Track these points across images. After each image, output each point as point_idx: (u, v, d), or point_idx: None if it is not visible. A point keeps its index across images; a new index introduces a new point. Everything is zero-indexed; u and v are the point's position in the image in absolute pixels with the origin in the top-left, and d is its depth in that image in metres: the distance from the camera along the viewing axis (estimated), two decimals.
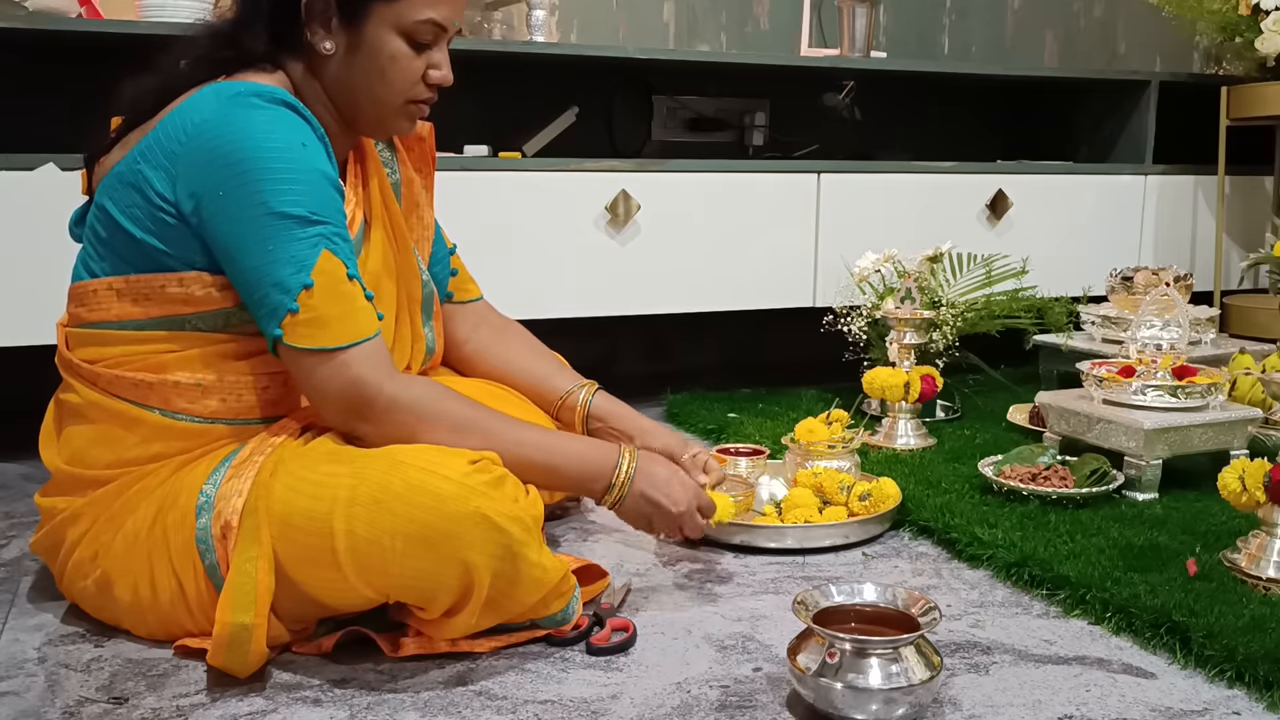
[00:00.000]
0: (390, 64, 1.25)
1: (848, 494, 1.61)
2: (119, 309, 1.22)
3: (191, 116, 1.17)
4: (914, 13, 3.00)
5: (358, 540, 1.11)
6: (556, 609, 1.21)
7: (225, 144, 1.15)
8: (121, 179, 1.20)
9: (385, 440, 1.20)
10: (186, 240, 1.19)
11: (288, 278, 1.15)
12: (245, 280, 1.17)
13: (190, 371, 1.22)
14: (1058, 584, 1.36)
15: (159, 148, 1.18)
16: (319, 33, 1.24)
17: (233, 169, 1.14)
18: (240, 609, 1.11)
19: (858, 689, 1.04)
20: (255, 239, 1.15)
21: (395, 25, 1.24)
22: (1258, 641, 1.16)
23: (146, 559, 1.20)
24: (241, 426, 1.25)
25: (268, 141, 1.15)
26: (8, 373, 2.13)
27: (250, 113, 1.16)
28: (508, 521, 1.12)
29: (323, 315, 1.16)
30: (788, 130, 2.76)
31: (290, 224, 1.15)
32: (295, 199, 1.15)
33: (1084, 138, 2.90)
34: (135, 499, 1.22)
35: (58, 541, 1.27)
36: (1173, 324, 1.77)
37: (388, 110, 1.29)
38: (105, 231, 1.22)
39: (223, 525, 1.16)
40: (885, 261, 2.24)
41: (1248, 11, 2.58)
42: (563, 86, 2.50)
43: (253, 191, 1.14)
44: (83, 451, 1.25)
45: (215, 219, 1.16)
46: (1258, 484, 1.34)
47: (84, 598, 1.27)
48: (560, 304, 2.21)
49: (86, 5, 2.03)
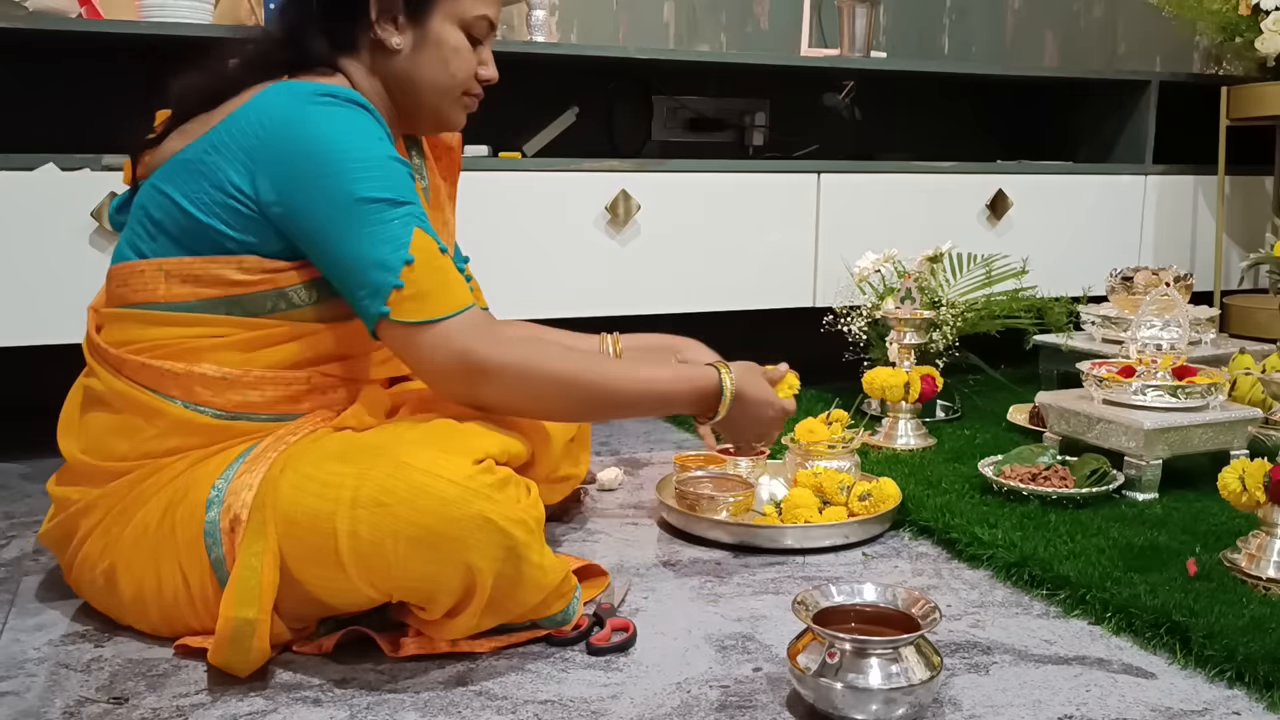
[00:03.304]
0: (454, 55, 1.34)
1: (848, 494, 1.61)
2: (166, 290, 1.25)
3: (270, 113, 1.21)
4: (914, 13, 3.00)
5: (360, 541, 1.11)
6: (557, 610, 1.22)
7: (308, 140, 1.20)
8: (187, 166, 1.23)
9: (506, 400, 1.25)
10: (259, 228, 1.23)
11: (389, 255, 1.19)
12: (343, 267, 1.21)
13: (218, 364, 1.24)
14: (1058, 584, 1.36)
15: (232, 141, 1.22)
16: (388, 29, 1.31)
17: (318, 163, 1.20)
18: (244, 603, 1.12)
19: (858, 689, 1.04)
20: (350, 225, 1.20)
21: (457, 19, 1.33)
22: (1258, 641, 1.16)
23: (153, 552, 1.21)
24: (261, 423, 1.26)
25: (348, 135, 1.21)
26: (8, 373, 2.13)
27: (328, 109, 1.22)
28: (511, 524, 1.13)
29: (425, 289, 1.21)
30: (788, 130, 2.76)
31: (381, 206, 1.20)
32: (382, 184, 1.21)
33: (1084, 138, 2.90)
34: (148, 492, 1.23)
35: (69, 533, 1.27)
36: (1173, 324, 1.77)
37: (447, 100, 1.36)
38: (161, 214, 1.24)
39: (232, 519, 1.17)
40: (885, 261, 2.24)
41: (1248, 11, 2.58)
42: (563, 86, 2.50)
43: (341, 182, 1.19)
44: (101, 439, 1.26)
45: (305, 213, 1.20)
46: (1258, 484, 1.34)
47: (90, 590, 1.27)
48: (560, 304, 2.21)
49: (86, 5, 2.03)
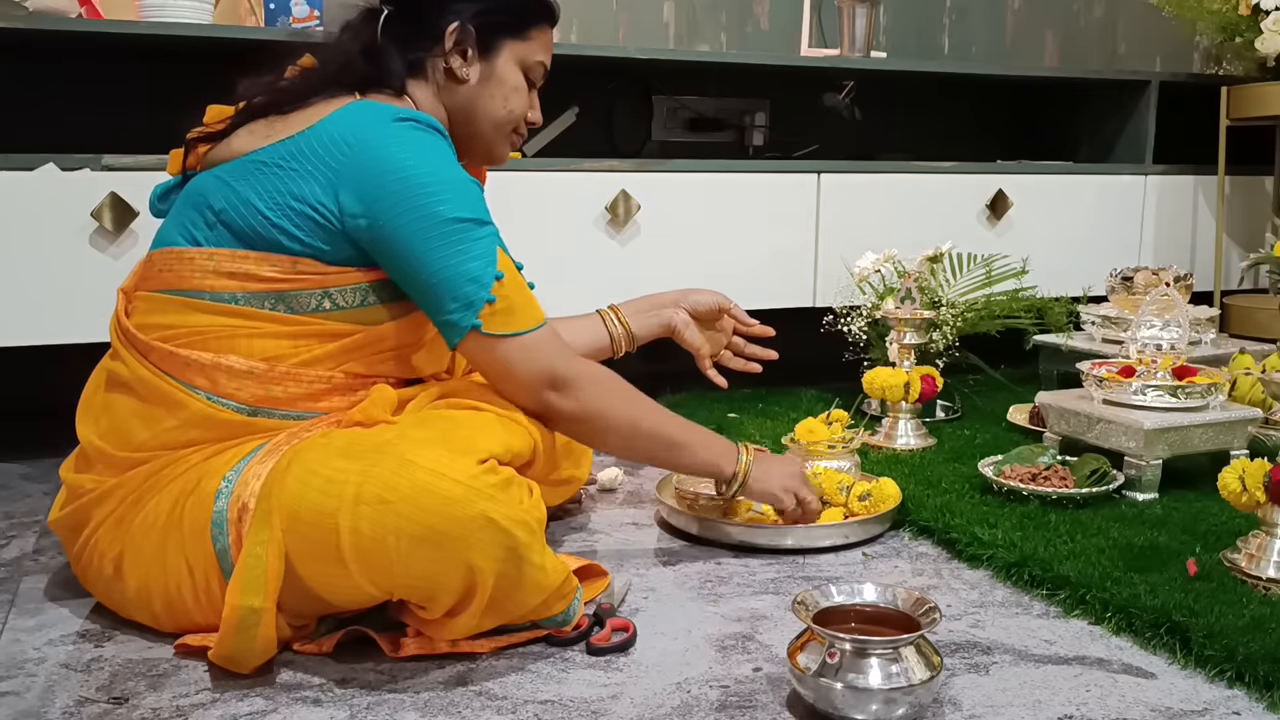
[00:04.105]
0: (514, 93, 1.42)
1: (847, 494, 1.61)
2: (214, 281, 1.26)
3: (356, 133, 1.25)
4: (914, 13, 3.00)
5: (362, 539, 1.11)
6: (558, 610, 1.22)
7: (395, 161, 1.24)
8: (263, 168, 1.26)
9: (582, 410, 1.33)
10: (333, 238, 1.26)
11: (481, 271, 1.26)
12: (432, 283, 1.25)
13: (247, 356, 1.26)
14: (1058, 584, 1.36)
15: (314, 156, 1.25)
16: (457, 61, 1.38)
17: (406, 184, 1.24)
18: (250, 591, 1.12)
19: (858, 689, 1.04)
20: (441, 243, 1.24)
21: (520, 61, 1.41)
22: (1258, 641, 1.16)
23: (160, 542, 1.21)
24: (280, 420, 1.27)
25: (431, 159, 1.27)
26: (8, 373, 2.13)
27: (412, 133, 1.27)
28: (513, 524, 1.13)
29: (514, 303, 1.28)
30: (788, 130, 2.76)
31: (469, 225, 1.26)
32: (467, 205, 1.27)
33: (1084, 138, 2.90)
34: (162, 482, 1.23)
35: (82, 521, 1.27)
36: (1173, 324, 1.77)
37: (500, 134, 1.44)
38: (226, 206, 1.26)
39: (240, 507, 1.18)
40: (885, 261, 2.24)
41: (1248, 11, 2.58)
42: (563, 86, 2.48)
43: (430, 203, 1.24)
44: (122, 424, 1.26)
45: (394, 232, 1.24)
46: (1258, 484, 1.34)
47: (97, 581, 1.28)
48: (560, 304, 2.18)
49: (86, 5, 2.03)
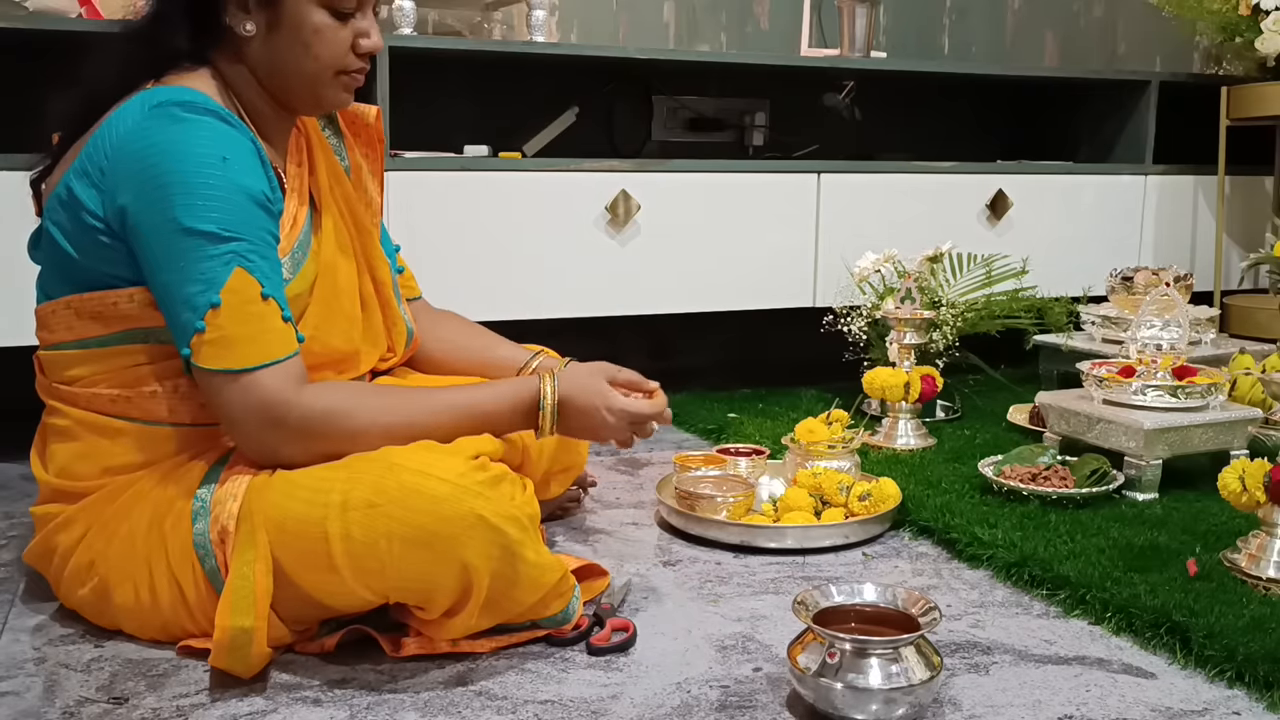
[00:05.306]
0: (315, 37, 1.22)
1: (847, 494, 1.61)
2: (80, 328, 1.21)
3: (117, 129, 1.16)
4: (914, 13, 3.00)
5: (353, 544, 1.10)
6: (556, 609, 1.21)
7: (144, 158, 1.14)
8: (59, 200, 1.19)
9: (311, 458, 1.16)
10: (122, 258, 1.17)
11: (195, 295, 1.13)
12: (161, 297, 1.16)
13: (167, 378, 1.22)
14: (1058, 584, 1.36)
15: (90, 164, 1.17)
16: (237, 15, 1.21)
17: (150, 184, 1.13)
18: (239, 612, 1.11)
19: (858, 689, 1.04)
20: (168, 256, 1.13)
21: None
22: (1258, 641, 1.16)
23: (145, 564, 1.20)
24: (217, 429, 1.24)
25: (185, 157, 1.13)
26: (8, 373, 2.13)
27: (170, 125, 1.14)
28: (504, 521, 1.12)
29: (229, 335, 1.14)
30: (788, 130, 2.76)
31: (200, 241, 1.13)
32: (208, 215, 1.13)
33: (1084, 138, 2.90)
34: (128, 505, 1.22)
35: (50, 548, 1.26)
36: (1173, 324, 1.77)
37: (319, 84, 1.26)
38: (52, 252, 1.21)
39: (219, 530, 1.16)
40: (885, 261, 2.24)
41: (1248, 11, 2.58)
42: (563, 86, 2.50)
43: (166, 207, 1.12)
44: (69, 466, 1.25)
45: (135, 235, 1.15)
46: (1258, 484, 1.34)
47: (82, 604, 1.26)
48: (560, 304, 2.21)
49: (86, 5, 2.03)
